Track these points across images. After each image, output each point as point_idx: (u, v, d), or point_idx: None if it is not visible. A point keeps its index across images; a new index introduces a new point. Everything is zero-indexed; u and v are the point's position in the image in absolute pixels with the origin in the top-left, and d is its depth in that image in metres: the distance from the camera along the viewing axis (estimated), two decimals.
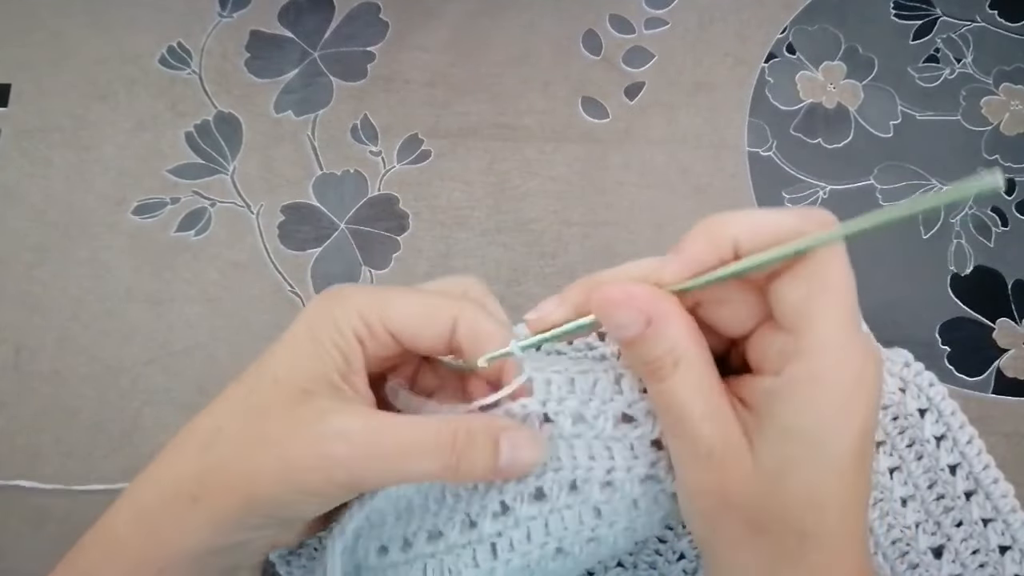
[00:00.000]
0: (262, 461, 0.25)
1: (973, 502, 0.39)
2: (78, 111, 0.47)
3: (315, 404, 0.25)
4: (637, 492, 0.27)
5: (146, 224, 0.45)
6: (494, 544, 0.27)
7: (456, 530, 0.27)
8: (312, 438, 0.25)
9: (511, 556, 0.27)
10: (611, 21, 0.50)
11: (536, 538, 0.27)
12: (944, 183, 0.46)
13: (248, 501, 0.25)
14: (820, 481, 0.24)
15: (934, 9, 0.50)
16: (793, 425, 0.24)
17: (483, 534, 0.27)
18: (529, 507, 0.27)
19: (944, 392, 0.40)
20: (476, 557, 0.27)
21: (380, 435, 0.25)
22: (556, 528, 0.27)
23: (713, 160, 0.47)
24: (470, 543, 0.27)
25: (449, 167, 0.47)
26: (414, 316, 0.27)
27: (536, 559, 0.27)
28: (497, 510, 0.27)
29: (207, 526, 0.25)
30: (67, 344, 0.43)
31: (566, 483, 0.27)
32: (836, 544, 0.24)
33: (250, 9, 0.50)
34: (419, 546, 0.28)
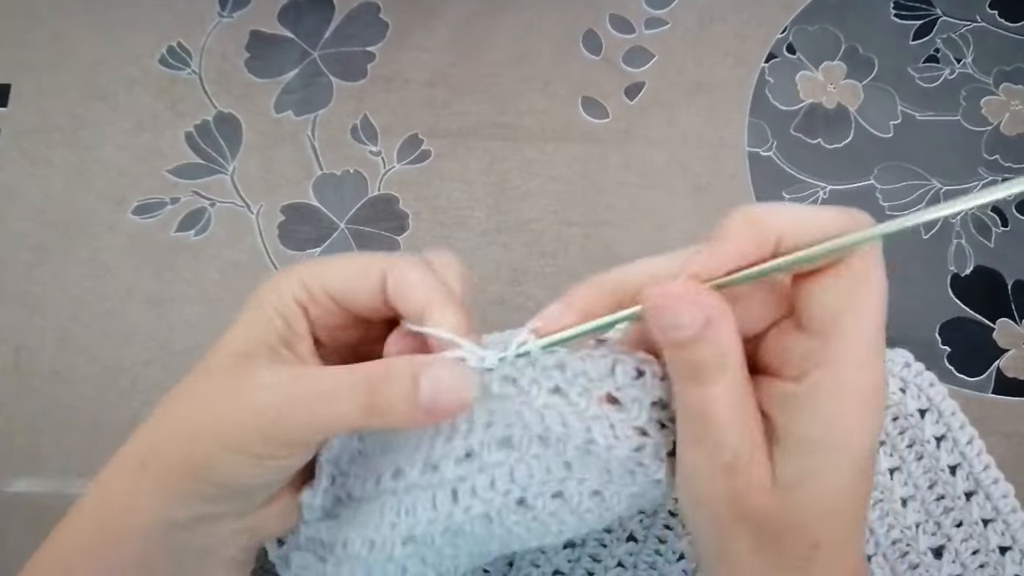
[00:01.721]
0: (199, 422, 0.25)
1: (973, 502, 0.39)
2: (78, 111, 0.47)
3: (251, 366, 0.26)
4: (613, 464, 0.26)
5: (146, 224, 0.45)
6: (455, 489, 0.27)
7: (417, 470, 0.27)
8: (239, 394, 0.25)
9: (472, 502, 0.27)
10: (611, 21, 0.50)
11: (500, 485, 0.27)
12: (944, 183, 0.46)
13: (190, 465, 0.25)
14: (838, 492, 0.23)
15: (934, 9, 0.50)
16: (814, 437, 0.23)
17: (444, 478, 0.27)
18: (496, 453, 0.26)
19: (944, 392, 0.40)
20: (435, 500, 0.27)
21: (299, 382, 0.25)
22: (521, 477, 0.27)
23: (713, 160, 0.47)
24: (430, 485, 0.27)
25: (449, 167, 0.47)
26: (347, 274, 0.27)
27: (497, 508, 0.27)
28: (461, 455, 0.27)
29: (157, 494, 0.25)
30: (67, 344, 0.43)
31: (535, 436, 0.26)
32: (844, 551, 0.24)
33: (250, 9, 0.50)
34: (385, 482, 0.28)
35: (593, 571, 0.38)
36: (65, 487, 0.41)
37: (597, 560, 0.38)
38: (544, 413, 0.26)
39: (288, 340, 0.27)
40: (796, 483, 0.23)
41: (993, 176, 0.46)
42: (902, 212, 0.46)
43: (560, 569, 0.38)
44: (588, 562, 0.38)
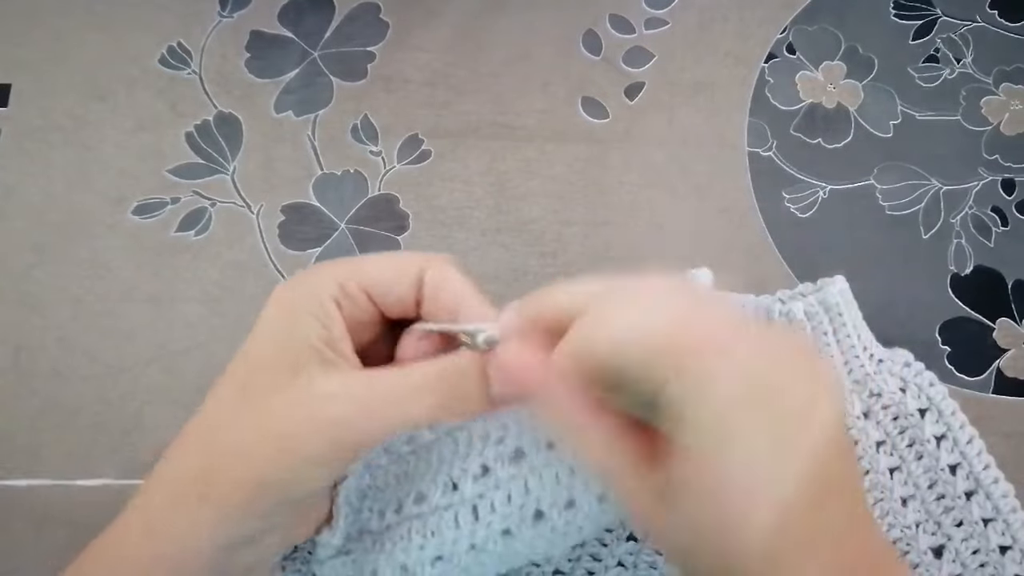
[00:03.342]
0: (263, 444, 0.25)
1: (973, 502, 0.39)
2: (78, 111, 0.47)
3: (303, 375, 0.26)
4: None
5: (146, 224, 0.45)
6: (475, 506, 0.28)
7: (439, 492, 0.28)
8: (305, 406, 0.25)
9: (492, 518, 0.28)
10: (611, 21, 0.50)
11: (516, 499, 0.28)
12: (944, 183, 0.46)
13: (255, 487, 0.25)
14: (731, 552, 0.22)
15: (934, 9, 0.50)
16: (685, 524, 0.23)
17: (464, 496, 0.28)
18: (509, 468, 0.28)
19: (944, 392, 0.40)
20: (458, 519, 0.28)
21: (371, 388, 0.25)
22: (535, 488, 0.28)
23: (713, 160, 0.47)
24: (452, 505, 0.28)
25: (449, 167, 0.47)
26: (386, 272, 0.27)
27: (516, 522, 0.28)
28: (478, 472, 0.28)
29: (216, 521, 0.25)
30: (67, 344, 0.43)
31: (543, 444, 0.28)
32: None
33: (250, 9, 0.50)
34: (407, 508, 0.29)
35: (594, 571, 0.38)
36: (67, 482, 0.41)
37: (597, 559, 0.38)
38: None
39: (330, 341, 0.26)
40: (689, 550, 0.23)
41: (993, 176, 0.46)
42: (902, 212, 0.46)
43: (560, 569, 0.38)
44: (588, 561, 0.38)
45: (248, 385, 0.26)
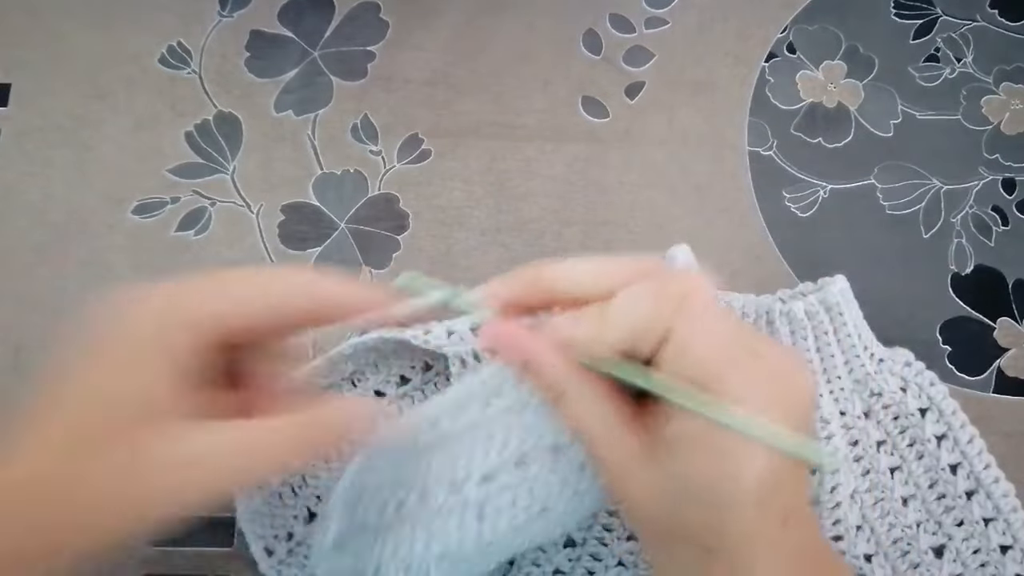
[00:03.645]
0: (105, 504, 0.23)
1: (974, 501, 0.39)
2: (78, 111, 0.47)
3: (150, 430, 0.23)
4: None
5: (146, 224, 0.45)
6: (481, 510, 0.28)
7: (443, 493, 0.28)
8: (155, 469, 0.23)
9: (498, 521, 0.28)
10: (611, 21, 0.50)
11: (521, 502, 0.28)
12: (944, 182, 0.46)
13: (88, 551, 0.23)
14: (711, 519, 0.24)
15: (934, 8, 0.50)
16: (677, 473, 0.25)
17: (468, 499, 0.28)
18: (514, 473, 0.28)
19: (945, 391, 0.40)
20: (463, 520, 0.28)
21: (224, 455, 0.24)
22: (540, 491, 0.28)
23: (713, 160, 0.47)
24: (457, 506, 0.28)
25: (449, 167, 0.47)
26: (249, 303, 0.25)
27: (523, 521, 0.28)
28: (480, 478, 0.28)
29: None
30: None
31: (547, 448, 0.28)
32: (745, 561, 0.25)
33: (250, 9, 0.50)
34: (409, 506, 0.28)
35: (594, 570, 0.38)
36: None
37: (598, 559, 0.38)
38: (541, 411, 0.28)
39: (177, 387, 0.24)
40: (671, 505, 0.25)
41: (993, 175, 0.46)
42: (903, 211, 0.46)
43: (561, 568, 0.38)
44: (589, 561, 0.38)
45: (80, 431, 0.23)
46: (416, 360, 0.40)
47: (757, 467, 0.24)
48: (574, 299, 0.26)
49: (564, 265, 0.27)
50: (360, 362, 0.40)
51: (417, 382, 0.40)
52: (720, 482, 0.24)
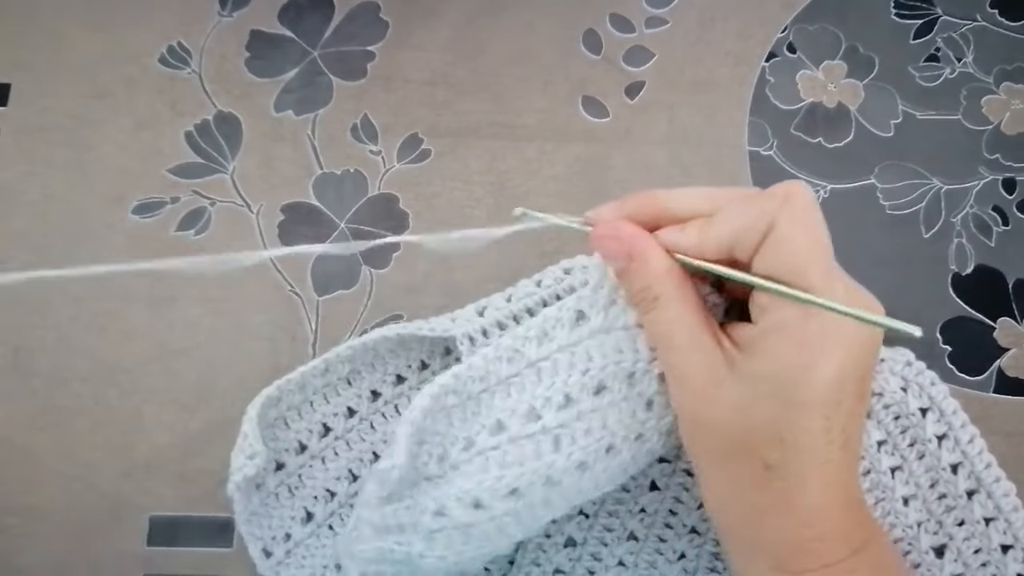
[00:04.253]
0: None
1: (975, 501, 0.39)
2: (78, 110, 0.47)
3: None
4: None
5: (146, 223, 0.45)
6: (558, 436, 0.28)
7: (519, 422, 0.28)
8: None
9: (572, 449, 0.28)
10: (611, 20, 0.50)
11: (595, 432, 0.28)
12: (945, 182, 0.46)
13: None
14: (780, 421, 0.26)
15: (934, 8, 0.50)
16: (757, 370, 0.26)
17: (546, 426, 0.28)
18: (592, 399, 0.28)
19: (945, 391, 0.40)
20: (539, 449, 0.28)
21: None
22: (612, 422, 0.28)
23: (714, 159, 0.47)
24: (533, 434, 0.28)
25: (449, 166, 0.47)
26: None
27: (592, 455, 0.28)
28: (561, 401, 0.28)
29: None
30: (67, 344, 0.43)
31: (625, 376, 0.28)
32: (800, 479, 0.26)
33: (250, 8, 0.50)
34: (481, 442, 0.28)
35: (594, 570, 0.38)
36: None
37: (598, 559, 0.38)
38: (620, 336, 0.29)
39: None
40: (743, 407, 0.26)
41: (994, 175, 0.46)
42: (903, 211, 0.46)
43: (561, 568, 0.38)
44: (589, 561, 0.38)
45: None
46: (412, 359, 0.40)
47: (834, 363, 0.25)
48: (682, 219, 0.28)
49: (675, 190, 0.29)
50: (357, 362, 0.40)
51: (414, 381, 0.40)
52: (800, 372, 0.26)
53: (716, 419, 0.27)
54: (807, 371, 0.26)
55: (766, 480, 0.26)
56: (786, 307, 0.26)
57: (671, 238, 0.28)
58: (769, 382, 0.26)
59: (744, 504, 0.27)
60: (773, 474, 0.26)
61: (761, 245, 0.26)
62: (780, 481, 0.26)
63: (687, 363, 0.27)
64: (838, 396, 0.26)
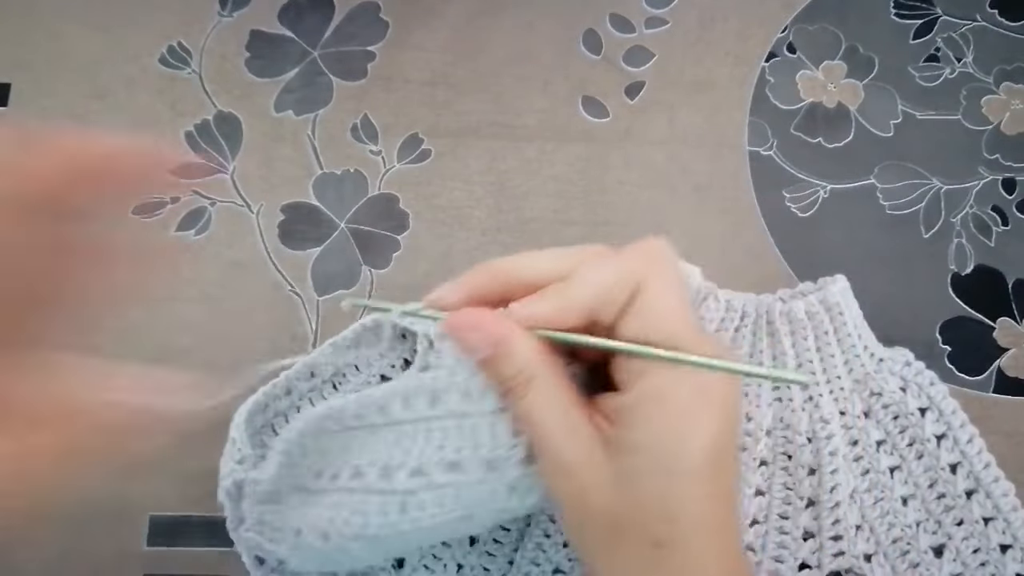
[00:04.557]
0: None
1: (974, 501, 0.39)
2: (78, 110, 0.47)
3: None
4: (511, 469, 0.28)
5: (146, 224, 0.45)
6: (404, 502, 0.28)
7: (375, 475, 0.29)
8: None
9: (419, 515, 0.28)
10: (611, 21, 0.50)
11: (448, 504, 0.28)
12: (944, 182, 0.46)
13: None
14: (668, 493, 0.25)
15: (934, 8, 0.50)
16: (639, 440, 0.25)
17: (396, 488, 0.28)
18: (445, 475, 0.28)
19: (945, 391, 0.40)
20: (385, 508, 0.28)
21: None
22: (467, 499, 0.28)
23: (714, 159, 0.47)
24: (383, 492, 0.28)
25: (449, 166, 0.47)
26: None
27: (442, 522, 0.28)
28: (414, 468, 0.28)
29: None
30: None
31: (483, 460, 0.28)
32: (692, 552, 0.25)
33: (250, 8, 0.50)
34: (343, 479, 0.29)
35: None
36: None
37: None
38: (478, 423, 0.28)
39: None
40: (629, 483, 0.25)
41: (994, 175, 0.46)
42: (903, 211, 0.46)
43: (560, 568, 0.38)
44: None
45: None
46: (395, 359, 0.40)
47: (713, 427, 0.25)
48: (533, 286, 0.27)
49: (519, 256, 0.28)
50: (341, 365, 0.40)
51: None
52: (680, 442, 0.25)
53: (600, 504, 0.25)
54: (687, 440, 0.25)
55: (659, 559, 0.25)
56: (657, 373, 0.25)
57: (528, 311, 0.26)
58: (649, 454, 0.25)
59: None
60: (665, 552, 0.25)
61: (628, 307, 0.26)
62: (676, 557, 0.25)
63: (564, 450, 0.26)
64: (721, 458, 0.25)
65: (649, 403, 0.25)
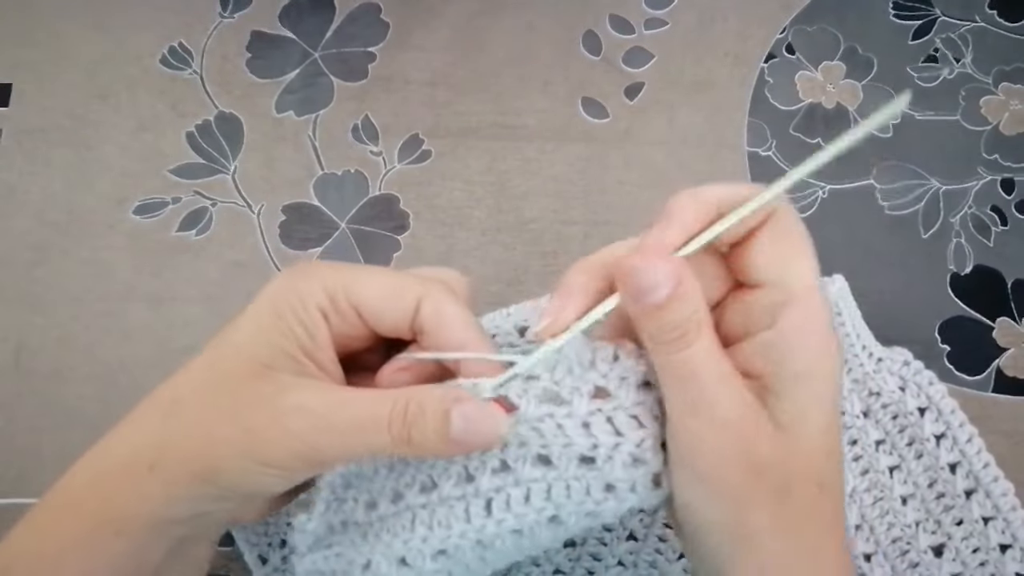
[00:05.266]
0: (222, 432, 0.25)
1: (973, 500, 0.39)
2: (79, 111, 0.47)
3: (276, 378, 0.25)
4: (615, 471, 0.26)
5: (147, 224, 0.45)
6: (490, 500, 0.27)
7: (451, 482, 0.27)
8: (272, 411, 0.25)
9: (505, 515, 0.26)
10: (611, 21, 0.50)
11: (536, 502, 0.26)
12: (943, 182, 0.46)
13: (207, 472, 0.25)
14: (829, 426, 0.24)
15: (933, 9, 0.50)
16: (801, 369, 0.24)
17: (480, 488, 0.27)
18: (532, 469, 0.26)
19: (944, 391, 0.40)
20: (469, 511, 0.27)
21: (335, 410, 0.25)
22: (558, 496, 0.26)
23: (713, 160, 0.47)
24: (465, 496, 0.27)
25: (449, 167, 0.47)
26: (379, 292, 0.26)
27: (530, 524, 0.27)
28: (497, 466, 0.26)
29: (166, 494, 0.25)
30: (67, 344, 0.43)
31: (575, 456, 0.26)
32: (839, 499, 0.25)
33: (251, 9, 0.50)
34: (411, 497, 0.27)
35: (594, 570, 0.38)
36: None
37: (598, 559, 0.38)
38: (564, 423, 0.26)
39: (310, 350, 0.26)
40: (797, 421, 0.24)
41: (992, 175, 0.47)
42: (902, 211, 0.46)
43: (561, 568, 0.38)
44: (589, 561, 0.38)
45: (220, 372, 0.26)
46: None
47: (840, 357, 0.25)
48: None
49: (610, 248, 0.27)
50: None
51: None
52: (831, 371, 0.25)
53: (773, 455, 0.24)
54: (833, 363, 0.25)
55: (819, 506, 0.24)
56: (808, 298, 0.25)
57: (667, 237, 0.26)
58: (811, 385, 0.24)
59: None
60: (825, 495, 0.24)
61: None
62: (830, 502, 0.25)
63: (729, 399, 0.24)
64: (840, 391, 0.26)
65: (806, 331, 0.24)
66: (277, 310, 0.26)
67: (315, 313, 0.26)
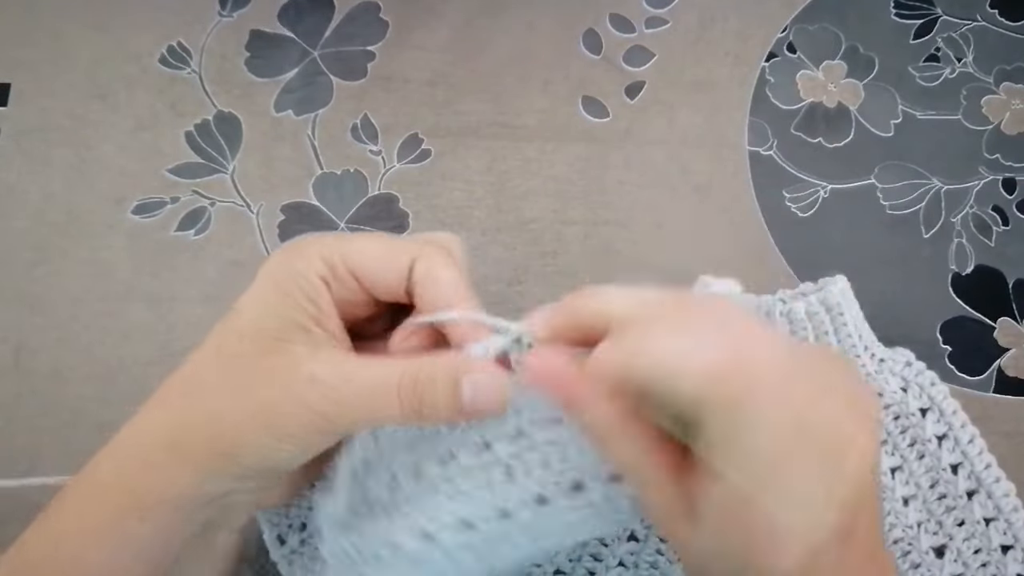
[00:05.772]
0: (241, 408, 0.25)
1: (975, 501, 0.38)
2: (78, 111, 0.47)
3: (290, 350, 0.26)
4: None
5: (146, 223, 0.45)
6: (509, 466, 0.27)
7: (470, 452, 0.27)
8: (287, 384, 0.25)
9: (527, 481, 0.26)
10: (611, 20, 0.50)
11: (554, 464, 0.26)
12: (944, 182, 0.46)
13: (228, 448, 0.25)
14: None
15: (934, 8, 0.50)
16: (717, 542, 0.23)
17: (498, 456, 0.27)
18: (546, 432, 0.26)
19: (945, 391, 0.40)
20: (490, 479, 0.27)
21: (348, 381, 0.25)
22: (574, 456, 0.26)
23: (714, 159, 0.47)
24: (485, 465, 0.27)
25: (449, 166, 0.47)
26: (374, 255, 0.27)
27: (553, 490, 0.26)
28: (512, 433, 0.27)
29: (188, 475, 0.26)
30: (67, 344, 0.43)
31: None
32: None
33: (250, 8, 0.50)
34: (431, 470, 0.27)
35: (594, 571, 0.38)
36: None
37: (598, 559, 0.38)
38: None
39: (318, 319, 0.27)
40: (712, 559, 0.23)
41: (994, 175, 0.46)
42: (903, 211, 0.46)
43: (561, 568, 0.38)
44: (589, 561, 0.38)
45: (232, 351, 0.26)
46: None
47: (791, 556, 0.22)
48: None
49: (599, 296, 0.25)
50: None
51: None
52: (751, 563, 0.22)
53: (690, 558, 0.24)
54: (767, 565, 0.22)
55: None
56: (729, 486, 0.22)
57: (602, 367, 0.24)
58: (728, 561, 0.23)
59: None
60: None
61: None
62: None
63: (649, 500, 0.24)
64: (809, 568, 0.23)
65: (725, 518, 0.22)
66: (280, 285, 0.27)
67: (317, 281, 0.27)
